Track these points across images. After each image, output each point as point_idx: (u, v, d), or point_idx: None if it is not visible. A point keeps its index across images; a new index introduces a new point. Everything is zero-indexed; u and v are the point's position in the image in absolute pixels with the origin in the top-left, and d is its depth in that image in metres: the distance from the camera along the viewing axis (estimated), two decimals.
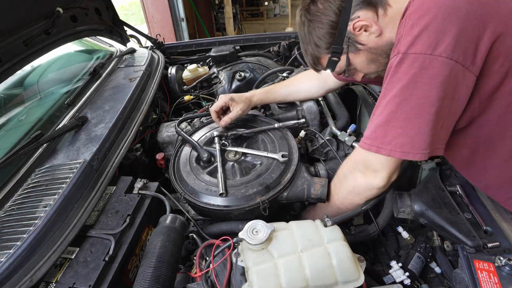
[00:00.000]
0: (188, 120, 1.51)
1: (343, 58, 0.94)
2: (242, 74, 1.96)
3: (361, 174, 0.90)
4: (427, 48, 0.68)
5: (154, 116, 1.67)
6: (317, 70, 1.04)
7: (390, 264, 0.98)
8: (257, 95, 1.39)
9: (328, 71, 1.00)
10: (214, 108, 1.31)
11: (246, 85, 1.95)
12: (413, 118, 0.72)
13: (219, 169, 1.13)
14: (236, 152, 1.22)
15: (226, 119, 1.28)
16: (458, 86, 0.70)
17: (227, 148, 1.25)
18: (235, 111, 1.29)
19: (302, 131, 1.38)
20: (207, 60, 2.20)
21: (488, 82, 0.72)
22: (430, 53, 0.68)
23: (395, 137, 0.75)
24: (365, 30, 0.86)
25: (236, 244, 0.87)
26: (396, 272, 0.95)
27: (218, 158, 1.17)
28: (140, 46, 2.22)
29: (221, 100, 1.30)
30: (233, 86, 1.95)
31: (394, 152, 0.76)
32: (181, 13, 4.21)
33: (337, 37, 0.89)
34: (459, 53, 0.67)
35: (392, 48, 0.80)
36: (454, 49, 0.67)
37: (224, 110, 1.34)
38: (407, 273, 0.95)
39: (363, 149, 0.82)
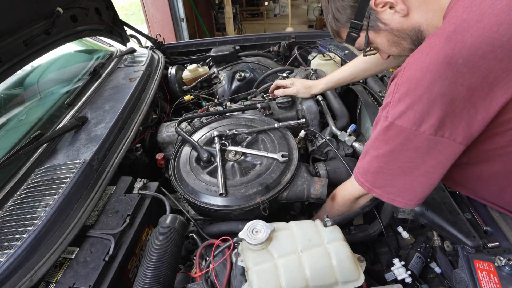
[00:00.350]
0: (188, 120, 1.51)
1: (363, 35, 0.87)
2: (242, 74, 1.96)
3: (357, 198, 0.98)
4: (412, 125, 0.70)
5: (154, 116, 1.67)
6: (339, 42, 0.99)
7: (393, 261, 0.98)
8: (321, 85, 1.49)
9: None
10: (277, 82, 1.58)
11: (246, 85, 1.95)
12: (400, 175, 0.78)
13: (219, 169, 1.13)
14: (236, 152, 1.22)
15: (280, 91, 1.54)
16: (443, 154, 0.72)
17: (227, 148, 1.25)
18: (290, 89, 1.51)
19: (302, 131, 1.38)
20: (207, 60, 2.20)
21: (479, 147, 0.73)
22: (415, 130, 0.70)
23: (384, 185, 0.82)
24: (390, 7, 0.78)
25: (236, 244, 0.87)
26: (398, 269, 0.95)
27: (218, 158, 1.17)
28: (140, 46, 2.22)
29: (287, 81, 1.55)
30: (233, 86, 1.95)
31: (382, 196, 0.84)
32: (181, 13, 4.21)
33: (357, 11, 0.82)
34: (444, 130, 0.68)
35: (418, 35, 0.79)
36: (438, 128, 0.68)
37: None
38: (409, 272, 0.95)
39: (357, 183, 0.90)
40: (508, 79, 0.61)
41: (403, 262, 0.97)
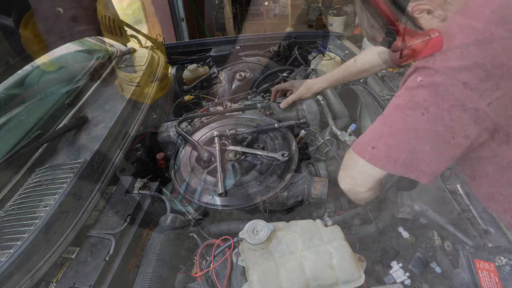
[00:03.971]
0: (188, 120, 1.51)
1: (399, 39, 0.84)
2: (242, 74, 1.96)
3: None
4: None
5: (154, 116, 1.67)
6: (374, 45, 0.97)
7: (391, 264, 0.98)
8: (320, 82, 1.47)
9: None
10: (276, 87, 1.54)
11: (246, 85, 1.95)
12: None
13: (219, 169, 1.13)
14: (236, 152, 1.22)
15: (283, 103, 1.48)
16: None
17: (227, 148, 1.25)
18: (293, 95, 1.47)
19: (302, 131, 1.38)
20: (207, 60, 2.20)
21: None
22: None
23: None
24: (428, 13, 0.79)
25: (236, 244, 0.87)
26: (397, 272, 0.95)
27: (218, 158, 1.17)
28: (140, 46, 2.22)
29: (286, 84, 1.53)
30: (233, 86, 1.95)
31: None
32: (181, 13, 4.21)
33: (394, 17, 0.81)
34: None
35: None
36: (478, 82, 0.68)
37: (285, 94, 1.55)
38: (407, 273, 0.95)
39: None
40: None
41: (401, 264, 0.97)
